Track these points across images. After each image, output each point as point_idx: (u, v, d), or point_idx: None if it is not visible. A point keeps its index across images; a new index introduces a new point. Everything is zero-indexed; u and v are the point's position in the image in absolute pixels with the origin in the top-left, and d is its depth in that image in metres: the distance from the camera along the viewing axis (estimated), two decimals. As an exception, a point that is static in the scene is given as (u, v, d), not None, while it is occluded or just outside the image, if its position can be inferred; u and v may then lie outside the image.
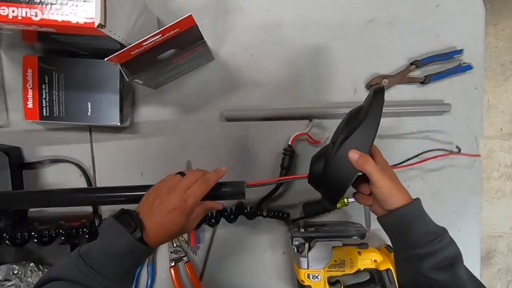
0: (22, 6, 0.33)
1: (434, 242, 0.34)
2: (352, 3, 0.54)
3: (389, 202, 0.37)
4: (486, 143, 1.29)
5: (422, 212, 0.38)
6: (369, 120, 0.38)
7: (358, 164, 0.37)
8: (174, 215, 0.36)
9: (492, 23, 1.25)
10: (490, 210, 1.30)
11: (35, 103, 0.49)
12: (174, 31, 0.39)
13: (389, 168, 0.42)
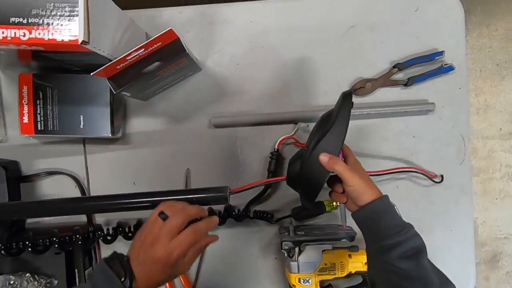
0: (11, 27, 0.35)
1: (401, 233, 0.37)
2: (333, 10, 0.56)
3: (360, 199, 0.40)
4: (486, 143, 1.28)
5: (390, 206, 0.40)
6: (338, 123, 0.40)
7: (329, 166, 0.40)
8: (158, 267, 0.35)
9: (484, 24, 1.26)
10: (495, 212, 1.28)
11: (31, 118, 0.51)
12: (157, 45, 0.41)
13: (359, 167, 0.45)
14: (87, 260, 0.55)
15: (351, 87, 0.56)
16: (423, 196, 0.57)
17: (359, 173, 0.41)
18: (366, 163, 0.56)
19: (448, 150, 0.57)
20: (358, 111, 0.55)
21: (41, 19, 0.35)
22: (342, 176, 0.40)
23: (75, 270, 0.54)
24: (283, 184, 0.56)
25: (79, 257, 0.54)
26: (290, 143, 0.56)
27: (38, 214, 0.47)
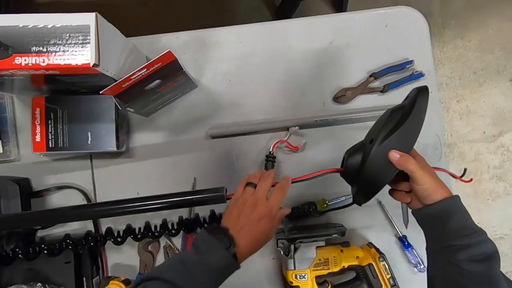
0: (32, 56, 0.41)
1: (473, 236, 0.36)
2: (312, 30, 0.63)
3: (430, 198, 0.39)
4: (472, 146, 1.33)
5: (462, 207, 0.39)
6: (414, 118, 0.39)
7: (400, 164, 0.39)
8: (263, 223, 0.39)
9: (459, 36, 1.36)
10: (488, 213, 1.32)
11: (42, 137, 0.56)
12: (158, 65, 0.47)
13: (427, 165, 0.43)
14: (94, 269, 0.58)
15: (334, 95, 0.62)
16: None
17: (430, 172, 0.40)
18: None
19: (426, 148, 0.62)
20: (341, 117, 0.61)
21: (58, 47, 0.41)
22: (413, 175, 0.39)
23: (83, 278, 0.57)
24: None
25: (87, 266, 0.57)
26: (282, 146, 0.61)
27: (50, 221, 0.51)
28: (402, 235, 0.61)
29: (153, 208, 0.46)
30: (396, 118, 0.40)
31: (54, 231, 0.58)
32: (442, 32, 1.36)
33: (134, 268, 0.60)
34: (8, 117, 0.60)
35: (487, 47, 1.35)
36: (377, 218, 0.62)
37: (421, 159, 0.43)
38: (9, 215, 0.51)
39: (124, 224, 0.56)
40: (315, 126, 0.62)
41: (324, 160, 0.62)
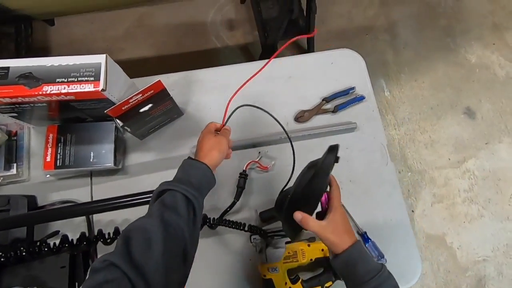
0: (56, 85, 0.55)
1: (375, 279, 0.43)
2: (275, 68, 0.80)
3: (333, 250, 0.47)
4: (441, 173, 1.45)
5: (363, 252, 0.46)
6: (319, 176, 0.46)
7: (302, 224, 0.47)
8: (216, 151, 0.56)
9: (413, 78, 1.58)
10: (467, 235, 1.37)
11: (52, 157, 0.67)
12: (150, 92, 0.61)
13: (337, 216, 0.48)
14: (87, 274, 0.64)
15: (295, 117, 0.76)
16: (364, 193, 0.72)
17: (332, 227, 0.46)
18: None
19: (374, 156, 0.75)
20: (301, 133, 0.74)
21: (76, 78, 0.55)
22: (315, 233, 0.46)
23: (75, 283, 0.62)
24: (249, 199, 0.70)
25: (81, 271, 0.63)
26: (254, 166, 0.72)
27: (51, 218, 0.59)
28: (362, 231, 0.69)
29: (136, 202, 0.55)
30: (307, 174, 0.49)
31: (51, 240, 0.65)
32: (399, 77, 1.58)
33: (123, 274, 0.66)
34: (24, 144, 0.71)
35: (439, 87, 1.57)
36: (340, 217, 0.70)
37: (335, 207, 0.49)
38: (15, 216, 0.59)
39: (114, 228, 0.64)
40: (281, 142, 0.75)
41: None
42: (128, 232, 0.42)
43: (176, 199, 0.46)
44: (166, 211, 0.44)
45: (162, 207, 0.45)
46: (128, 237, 0.41)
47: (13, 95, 0.55)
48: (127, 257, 0.38)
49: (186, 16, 1.63)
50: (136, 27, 1.61)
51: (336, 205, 0.49)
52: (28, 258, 0.59)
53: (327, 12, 1.66)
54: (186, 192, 0.46)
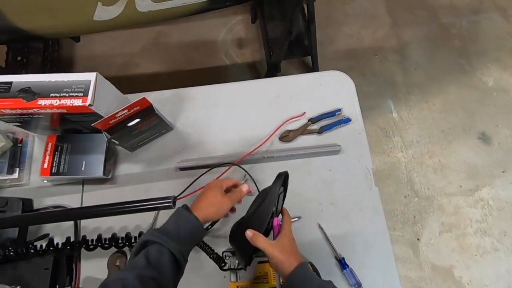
0: (49, 99, 0.60)
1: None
2: (263, 87, 0.82)
3: (280, 270, 0.49)
4: (451, 200, 1.38)
5: (308, 273, 0.48)
6: (268, 201, 0.50)
7: (252, 241, 0.49)
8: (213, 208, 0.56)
9: (423, 101, 1.54)
10: (478, 270, 1.28)
11: (49, 164, 0.72)
12: (136, 108, 0.65)
13: (286, 239, 0.51)
14: (68, 279, 0.67)
15: (280, 136, 0.77)
16: (344, 217, 0.71)
17: (280, 247, 0.49)
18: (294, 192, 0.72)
19: (358, 179, 0.73)
20: (285, 153, 0.75)
21: (68, 93, 0.61)
22: (264, 251, 0.48)
23: (56, 286, 0.65)
24: (224, 224, 0.71)
25: (63, 275, 0.67)
26: None
27: (36, 222, 0.64)
28: (341, 257, 0.67)
29: (116, 211, 0.58)
30: (258, 200, 0.52)
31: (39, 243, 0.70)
32: (408, 98, 1.55)
33: (102, 280, 0.68)
34: (27, 150, 0.78)
35: (451, 109, 1.51)
36: (317, 240, 0.69)
37: (285, 231, 0.52)
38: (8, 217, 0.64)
39: (96, 235, 0.67)
40: (263, 161, 0.76)
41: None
42: (106, 284, 0.43)
43: (161, 256, 0.46)
44: (148, 269, 0.45)
45: (145, 263, 0.45)
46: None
47: (13, 107, 0.61)
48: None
49: (198, 35, 1.71)
50: (152, 44, 1.71)
51: (286, 230, 0.52)
52: (15, 258, 0.63)
53: (336, 32, 1.68)
54: (174, 250, 0.47)
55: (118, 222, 0.72)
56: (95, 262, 0.69)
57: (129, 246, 0.67)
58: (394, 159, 1.43)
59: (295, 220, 0.70)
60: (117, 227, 0.72)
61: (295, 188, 0.73)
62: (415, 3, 1.73)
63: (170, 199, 0.58)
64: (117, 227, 0.72)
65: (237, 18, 1.78)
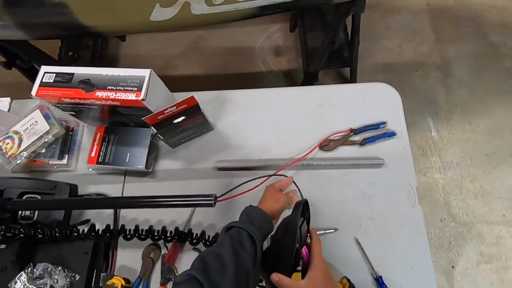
0: (106, 91, 0.64)
1: None
2: (307, 95, 0.82)
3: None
4: (492, 228, 1.28)
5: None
6: (288, 239, 0.47)
7: (279, 286, 0.47)
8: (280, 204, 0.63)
9: (466, 121, 1.46)
10: (520, 307, 1.17)
11: (96, 153, 0.76)
12: (184, 106, 0.67)
13: (317, 274, 0.47)
14: (104, 265, 0.69)
15: (319, 144, 0.76)
16: (383, 234, 0.68)
17: (313, 282, 0.46)
18: (330, 203, 0.70)
19: (400, 196, 0.70)
20: (324, 162, 0.74)
21: (124, 87, 0.64)
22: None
23: (94, 270, 0.68)
24: None
25: (100, 260, 0.69)
26: None
27: (81, 207, 0.67)
28: (378, 275, 0.64)
29: (158, 204, 0.59)
30: (280, 234, 0.50)
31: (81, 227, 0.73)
32: (449, 117, 1.48)
33: (135, 271, 0.70)
34: (77, 139, 0.82)
35: (497, 132, 1.42)
36: (353, 254, 0.67)
37: (317, 262, 0.48)
38: (57, 199, 0.68)
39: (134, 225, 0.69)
40: (301, 168, 0.75)
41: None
42: (204, 255, 0.48)
43: (242, 235, 0.51)
44: (235, 243, 0.49)
45: (232, 239, 0.50)
46: (205, 260, 0.47)
47: (73, 96, 0.65)
48: (206, 274, 0.44)
49: (237, 41, 1.75)
50: (191, 48, 1.77)
51: (316, 262, 0.48)
52: (59, 239, 0.66)
53: (376, 45, 1.65)
54: (250, 231, 0.51)
55: (155, 215, 0.74)
56: (130, 252, 0.71)
57: (164, 239, 0.68)
58: (430, 180, 1.36)
59: (330, 232, 0.68)
60: (153, 220, 0.73)
61: (332, 199, 0.71)
62: (463, 20, 1.66)
63: (212, 198, 0.58)
64: (154, 220, 0.73)
65: (276, 26, 1.80)
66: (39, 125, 0.77)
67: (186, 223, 0.73)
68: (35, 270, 0.63)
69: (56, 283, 0.62)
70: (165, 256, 0.70)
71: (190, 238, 0.68)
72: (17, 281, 0.61)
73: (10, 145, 0.76)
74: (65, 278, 0.63)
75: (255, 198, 0.65)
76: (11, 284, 0.61)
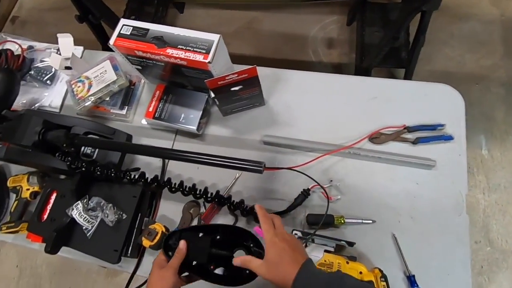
0: (176, 49, 0.67)
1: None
2: (363, 86, 0.80)
3: (280, 285, 0.44)
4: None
5: (310, 274, 0.43)
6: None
7: (247, 267, 0.48)
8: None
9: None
10: None
11: (154, 109, 0.81)
12: (244, 75, 0.69)
13: (270, 250, 0.47)
14: (148, 211, 0.75)
15: (368, 136, 0.75)
16: (422, 234, 0.66)
17: (266, 266, 0.45)
18: (371, 195, 0.70)
19: (447, 201, 0.68)
20: (372, 154, 0.73)
21: (193, 48, 0.67)
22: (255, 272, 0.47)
23: (139, 214, 0.73)
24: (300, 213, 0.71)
25: (145, 206, 0.74)
26: (319, 191, 0.72)
27: (137, 152, 0.71)
28: (411, 274, 0.63)
29: (210, 162, 0.62)
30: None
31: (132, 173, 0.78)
32: (505, 138, 1.38)
33: (174, 223, 0.74)
34: (137, 93, 0.88)
35: (556, 162, 1.31)
36: (388, 249, 0.66)
37: (269, 239, 0.48)
38: (117, 141, 0.73)
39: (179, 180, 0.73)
40: (347, 156, 0.74)
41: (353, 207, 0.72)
42: None
43: None
44: None
45: None
46: None
47: (145, 50, 0.69)
48: None
49: (290, 27, 1.74)
50: (245, 28, 1.79)
51: (267, 240, 0.47)
52: (113, 179, 0.72)
53: (437, 51, 1.57)
54: None
55: (198, 175, 0.77)
56: (172, 204, 0.75)
57: (205, 199, 0.71)
58: (472, 199, 1.29)
59: (368, 223, 0.68)
60: (196, 179, 0.77)
61: (374, 192, 0.71)
62: (540, 37, 1.53)
63: (261, 165, 0.60)
64: (197, 179, 0.77)
65: (332, 17, 1.77)
66: (107, 74, 0.83)
67: (227, 189, 0.75)
68: (90, 202, 0.69)
69: (106, 217, 0.68)
70: (203, 214, 0.73)
71: (229, 203, 0.71)
72: (74, 208, 0.68)
73: (80, 88, 0.82)
74: (114, 215, 0.69)
75: (297, 174, 0.66)
76: (69, 210, 0.68)
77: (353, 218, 0.68)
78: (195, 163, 0.63)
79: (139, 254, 0.71)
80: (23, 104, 0.91)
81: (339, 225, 0.69)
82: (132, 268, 0.71)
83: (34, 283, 1.56)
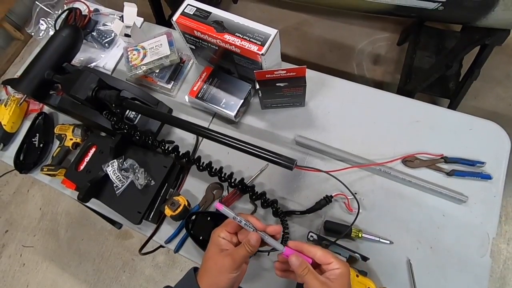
0: (234, 36, 0.69)
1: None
2: (407, 108, 0.79)
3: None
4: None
5: None
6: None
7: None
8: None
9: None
10: None
11: (198, 89, 0.84)
12: (292, 73, 0.70)
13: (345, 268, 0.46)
14: (174, 183, 0.78)
15: (403, 157, 0.74)
16: (438, 267, 0.65)
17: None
18: (394, 216, 0.69)
19: (472, 240, 0.66)
20: (402, 176, 0.72)
21: (249, 38, 0.69)
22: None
23: (166, 183, 0.76)
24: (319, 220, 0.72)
25: (172, 178, 0.77)
26: (341, 200, 0.72)
27: (175, 124, 0.75)
28: (419, 304, 0.62)
29: (243, 148, 0.64)
30: None
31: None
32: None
33: (196, 199, 0.77)
34: (185, 71, 0.91)
35: None
36: (401, 274, 0.65)
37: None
38: (159, 111, 0.76)
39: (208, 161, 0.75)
40: (377, 173, 0.74)
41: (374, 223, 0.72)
42: None
43: None
44: None
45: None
46: None
47: (204, 32, 0.72)
48: None
49: (339, 36, 1.73)
50: (293, 28, 1.80)
51: (345, 273, 0.46)
52: (149, 146, 0.76)
53: (487, 89, 1.50)
54: None
55: (227, 159, 0.80)
56: (197, 182, 0.78)
57: (229, 183, 0.73)
58: (494, 247, 1.23)
59: (385, 243, 0.67)
60: (224, 163, 0.80)
61: (397, 214, 0.70)
62: None
63: (293, 162, 0.61)
64: (225, 163, 0.80)
65: (384, 34, 1.74)
66: (162, 48, 0.87)
67: (251, 178, 0.77)
68: (124, 163, 0.74)
69: (137, 179, 0.72)
70: (224, 197, 0.76)
71: (251, 192, 0.73)
72: (110, 165, 0.72)
73: (135, 56, 0.87)
74: (144, 179, 0.73)
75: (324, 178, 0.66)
76: (104, 165, 0.73)
77: (370, 235, 0.68)
78: (230, 147, 0.65)
79: (158, 221, 0.75)
80: (80, 61, 0.98)
81: (355, 238, 0.69)
82: (150, 232, 0.75)
83: (52, 228, 1.67)
